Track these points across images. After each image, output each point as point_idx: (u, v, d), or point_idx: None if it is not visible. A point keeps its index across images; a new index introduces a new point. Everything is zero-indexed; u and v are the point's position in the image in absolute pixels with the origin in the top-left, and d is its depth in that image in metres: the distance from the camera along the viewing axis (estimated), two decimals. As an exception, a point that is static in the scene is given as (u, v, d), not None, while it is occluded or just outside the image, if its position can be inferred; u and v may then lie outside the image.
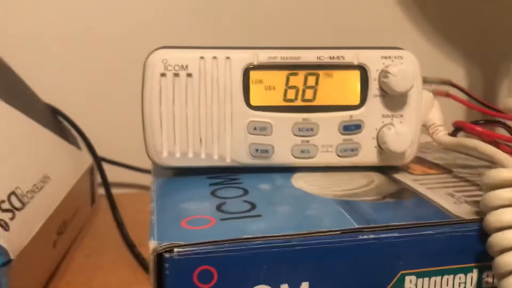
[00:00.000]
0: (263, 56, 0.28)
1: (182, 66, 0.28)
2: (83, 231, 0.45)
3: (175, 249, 0.20)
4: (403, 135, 0.28)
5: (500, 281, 0.21)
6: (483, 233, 0.22)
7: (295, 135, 0.29)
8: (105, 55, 0.58)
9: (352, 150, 0.29)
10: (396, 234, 0.22)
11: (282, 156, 0.29)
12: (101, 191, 0.50)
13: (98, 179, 0.51)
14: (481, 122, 0.28)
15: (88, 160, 0.50)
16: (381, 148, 0.29)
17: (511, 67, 0.59)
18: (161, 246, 0.20)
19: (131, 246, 0.40)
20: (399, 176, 0.29)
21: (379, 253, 0.22)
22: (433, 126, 0.29)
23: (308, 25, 0.62)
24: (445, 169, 0.31)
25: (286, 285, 0.21)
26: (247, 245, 0.21)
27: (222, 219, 0.22)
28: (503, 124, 0.29)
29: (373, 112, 0.29)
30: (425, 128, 0.30)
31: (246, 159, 0.29)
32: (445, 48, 0.68)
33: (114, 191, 0.49)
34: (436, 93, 0.38)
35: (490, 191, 0.22)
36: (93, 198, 0.51)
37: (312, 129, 0.29)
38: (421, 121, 0.29)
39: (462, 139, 0.27)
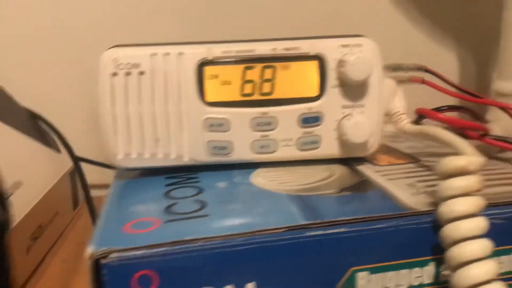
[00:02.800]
0: (217, 51, 0.28)
1: (134, 64, 0.27)
2: (63, 235, 0.45)
3: (111, 255, 0.19)
4: (362, 126, 0.27)
5: (453, 274, 0.20)
6: (438, 224, 0.21)
7: (253, 130, 0.28)
8: (82, 56, 0.57)
9: (313, 143, 0.28)
10: (344, 229, 0.21)
11: (242, 152, 0.28)
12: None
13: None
14: (444, 108, 0.27)
15: (68, 163, 0.50)
16: (342, 140, 0.28)
17: (499, 51, 0.58)
18: (98, 252, 0.19)
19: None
20: (363, 168, 0.28)
21: (327, 250, 0.21)
22: (396, 115, 0.29)
23: (282, 16, 0.61)
24: (413, 159, 0.30)
25: (231, 286, 0.20)
26: (187, 247, 0.20)
27: (167, 221, 0.22)
28: (467, 110, 0.28)
29: (332, 103, 0.28)
30: (389, 117, 0.29)
31: (204, 157, 0.28)
32: (436, 35, 0.67)
33: (102, 192, 0.49)
34: (412, 80, 0.37)
35: (443, 180, 0.21)
36: (76, 201, 0.51)
37: (270, 123, 0.28)
38: (383, 110, 0.29)
39: (423, 127, 0.27)
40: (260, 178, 0.27)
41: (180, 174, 0.28)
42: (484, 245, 0.20)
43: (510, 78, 0.56)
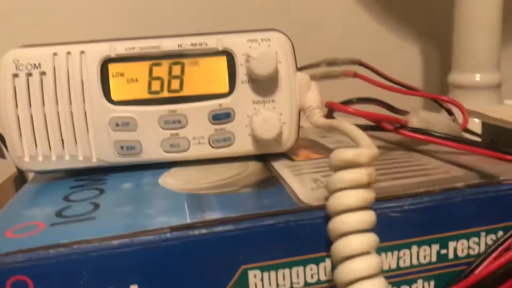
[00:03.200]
0: (120, 48, 0.27)
1: (35, 64, 0.26)
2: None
3: (-20, 259, 0.19)
4: (270, 121, 0.27)
5: (335, 269, 0.20)
6: (329, 219, 0.21)
7: (162, 128, 0.27)
8: None
9: (225, 140, 0.28)
10: (231, 227, 0.20)
11: (152, 151, 0.28)
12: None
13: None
14: (354, 101, 0.27)
15: (12, 168, 0.49)
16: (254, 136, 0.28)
17: (453, 45, 0.58)
18: (-33, 258, 0.19)
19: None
20: (277, 164, 0.28)
21: (214, 249, 0.20)
22: (310, 109, 0.28)
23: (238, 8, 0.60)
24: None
25: (113, 289, 0.20)
26: (63, 251, 0.19)
27: (52, 224, 0.21)
28: (381, 102, 0.28)
29: (243, 99, 0.27)
30: (303, 111, 0.29)
31: (112, 158, 0.27)
32: (399, 30, 0.67)
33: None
34: (344, 73, 0.37)
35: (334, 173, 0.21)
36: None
37: (179, 121, 0.27)
38: (296, 104, 0.28)
39: (332, 120, 0.26)
40: (169, 178, 0.27)
41: (90, 176, 0.28)
42: (368, 239, 0.19)
43: (463, 70, 0.56)
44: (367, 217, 0.20)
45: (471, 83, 0.54)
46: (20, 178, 0.47)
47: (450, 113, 0.35)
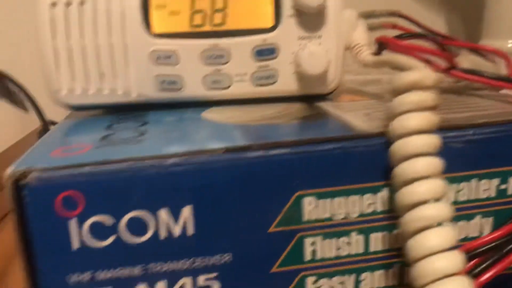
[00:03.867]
0: (163, -22, 0.26)
1: (74, -7, 0.25)
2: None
3: (31, 174, 0.18)
4: (317, 55, 0.25)
5: (397, 192, 0.19)
6: (390, 144, 0.20)
7: (205, 64, 0.26)
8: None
9: (268, 77, 0.27)
10: (287, 151, 0.20)
11: (193, 88, 0.27)
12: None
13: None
14: (406, 36, 0.26)
15: (36, 123, 0.48)
16: (299, 73, 0.27)
17: (484, 12, 0.56)
18: (17, 172, 0.18)
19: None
20: (322, 104, 0.27)
21: (269, 173, 0.20)
22: (357, 47, 0.27)
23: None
24: (377, 96, 0.28)
25: (166, 209, 0.19)
26: (116, 167, 0.18)
27: (99, 146, 0.20)
28: (433, 39, 0.27)
29: (288, 34, 0.26)
30: (349, 50, 0.27)
31: (153, 93, 0.26)
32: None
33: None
34: (383, 26, 0.36)
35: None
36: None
37: (222, 56, 0.26)
38: (342, 41, 0.27)
39: (382, 56, 0.25)
40: (212, 114, 0.26)
41: (128, 113, 0.27)
42: (433, 162, 0.18)
43: (495, 37, 0.55)
44: (433, 140, 0.19)
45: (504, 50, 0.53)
46: (44, 131, 0.47)
47: (493, 64, 0.34)
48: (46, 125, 0.48)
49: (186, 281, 0.20)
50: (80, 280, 0.19)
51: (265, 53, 0.26)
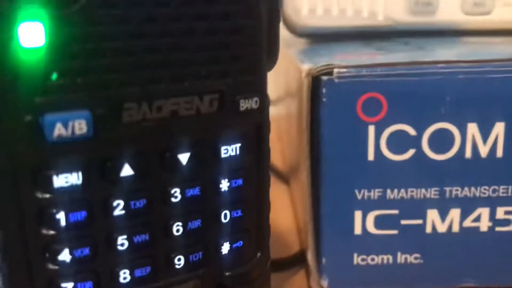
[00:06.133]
0: None
1: None
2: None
3: (336, 70, 0.16)
4: None
5: None
6: None
7: (466, -17, 0.23)
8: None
9: (542, 2, 0.23)
10: None
11: (449, 11, 0.23)
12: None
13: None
14: None
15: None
16: None
17: None
18: (318, 68, 0.16)
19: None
20: None
21: None
22: None
23: None
24: None
25: (475, 124, 0.16)
26: (427, 69, 0.16)
27: (387, 53, 0.18)
28: None
29: None
30: None
31: (403, 16, 0.24)
32: None
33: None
34: None
35: None
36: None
37: (489, -25, 0.23)
38: None
39: None
40: (473, 40, 0.23)
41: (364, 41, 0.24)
42: None
43: None
44: None
45: None
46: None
47: None
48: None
49: (483, 211, 0.17)
50: (369, 197, 0.17)
51: (542, -28, 0.23)
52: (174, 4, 0.10)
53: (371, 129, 0.16)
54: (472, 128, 0.16)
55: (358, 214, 0.17)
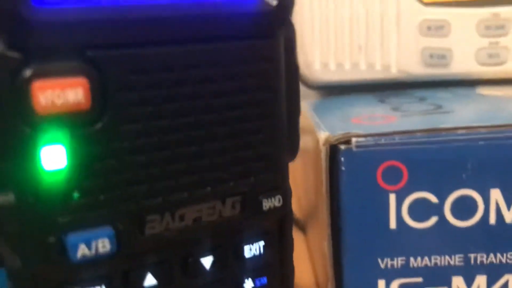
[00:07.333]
0: None
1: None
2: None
3: (354, 139, 0.16)
4: None
5: None
6: None
7: (480, 35, 0.23)
8: None
9: (557, 52, 0.23)
10: None
11: (463, 63, 0.23)
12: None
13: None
14: None
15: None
16: None
17: None
18: (335, 137, 0.16)
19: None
20: None
21: None
22: None
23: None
24: None
25: (498, 190, 0.16)
26: (446, 136, 0.16)
27: (403, 116, 0.18)
28: None
29: None
30: None
31: (417, 69, 0.24)
32: None
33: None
34: None
35: None
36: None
37: (502, 27, 0.23)
38: None
39: None
40: (488, 91, 0.22)
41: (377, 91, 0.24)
42: None
43: None
44: None
45: None
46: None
47: None
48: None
49: (510, 278, 0.17)
50: (392, 265, 0.16)
51: (556, 23, 0.23)
52: (197, 113, 0.10)
53: (392, 198, 0.16)
54: (495, 194, 0.16)
55: (381, 283, 0.16)
